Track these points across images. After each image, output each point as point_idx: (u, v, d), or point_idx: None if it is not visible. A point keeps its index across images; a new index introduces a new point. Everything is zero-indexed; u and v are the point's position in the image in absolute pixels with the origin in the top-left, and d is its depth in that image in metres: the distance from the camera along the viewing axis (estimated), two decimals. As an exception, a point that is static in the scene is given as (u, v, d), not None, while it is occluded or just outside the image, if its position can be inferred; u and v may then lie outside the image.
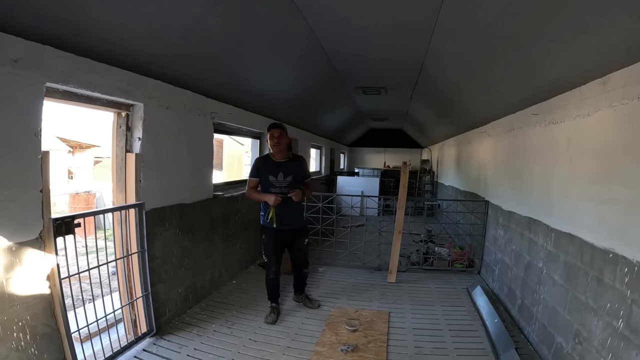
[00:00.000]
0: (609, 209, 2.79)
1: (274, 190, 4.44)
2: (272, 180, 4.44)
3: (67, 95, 3.04)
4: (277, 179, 4.45)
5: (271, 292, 4.70)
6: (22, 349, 2.62)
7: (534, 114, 4.31)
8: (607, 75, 2.86)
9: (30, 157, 2.67)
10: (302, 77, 5.94)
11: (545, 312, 3.72)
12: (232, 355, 3.72)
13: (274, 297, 4.71)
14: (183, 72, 4.00)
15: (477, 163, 7.34)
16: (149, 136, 3.87)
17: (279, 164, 4.48)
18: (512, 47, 3.33)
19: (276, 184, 4.45)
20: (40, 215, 2.76)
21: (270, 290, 4.69)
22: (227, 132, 6.23)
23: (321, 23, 3.99)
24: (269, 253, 4.57)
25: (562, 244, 3.49)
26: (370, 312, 4.78)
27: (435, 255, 6.91)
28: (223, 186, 6.01)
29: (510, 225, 5.04)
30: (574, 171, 3.37)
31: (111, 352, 3.48)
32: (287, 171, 4.47)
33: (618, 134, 2.74)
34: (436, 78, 5.88)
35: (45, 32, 2.58)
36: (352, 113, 11.08)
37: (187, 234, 4.62)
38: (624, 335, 2.49)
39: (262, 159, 4.63)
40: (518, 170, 4.87)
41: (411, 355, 3.81)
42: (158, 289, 4.09)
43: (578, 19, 2.38)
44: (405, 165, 6.41)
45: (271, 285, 4.67)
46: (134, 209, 3.77)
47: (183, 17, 3.03)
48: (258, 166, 4.54)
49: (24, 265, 2.65)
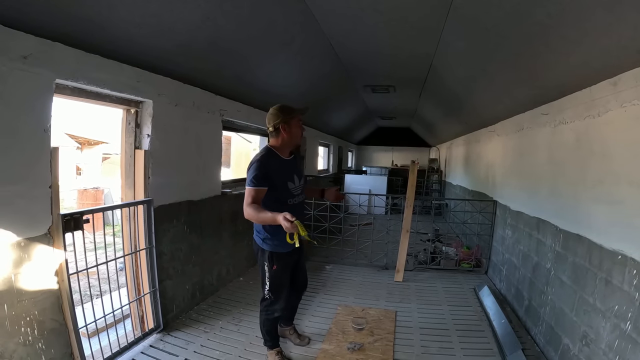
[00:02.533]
0: (619, 210, 2.76)
1: (293, 201, 3.35)
2: (291, 187, 3.34)
3: (76, 92, 3.06)
4: (295, 184, 3.39)
5: (275, 333, 3.67)
6: (29, 344, 2.64)
7: (544, 114, 4.28)
8: (618, 76, 2.82)
9: (39, 153, 2.70)
10: (310, 74, 5.93)
11: (553, 313, 3.70)
12: (238, 352, 3.74)
13: (278, 339, 3.74)
14: (192, 69, 4.01)
15: (486, 162, 7.31)
16: (158, 133, 3.89)
17: (290, 164, 3.43)
18: (522, 46, 3.30)
19: (294, 192, 3.37)
20: (49, 211, 2.78)
21: (275, 331, 3.66)
22: (235, 130, 6.24)
23: (330, 20, 3.98)
24: (281, 286, 3.45)
25: (571, 245, 3.47)
26: (377, 310, 4.77)
27: (443, 254, 6.88)
28: (231, 183, 6.02)
29: (518, 225, 5.01)
30: (584, 172, 3.34)
31: (118, 347, 3.51)
32: (299, 172, 3.51)
33: (628, 134, 2.71)
34: (445, 76, 5.85)
35: (55, 29, 2.59)
36: (360, 111, 11.05)
37: (195, 231, 4.63)
38: (632, 338, 2.47)
39: (271, 158, 3.27)
40: (527, 170, 4.84)
41: (417, 355, 3.81)
42: (166, 285, 4.11)
43: (588, 18, 2.36)
44: (413, 164, 6.39)
45: (275, 325, 3.65)
46: (143, 206, 3.79)
47: (192, 14, 3.04)
48: (268, 169, 3.13)
49: (33, 261, 2.67)
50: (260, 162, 3.14)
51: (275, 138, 3.37)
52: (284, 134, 3.32)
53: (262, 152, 3.31)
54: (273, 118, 3.33)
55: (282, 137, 3.33)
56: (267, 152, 3.31)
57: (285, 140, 3.34)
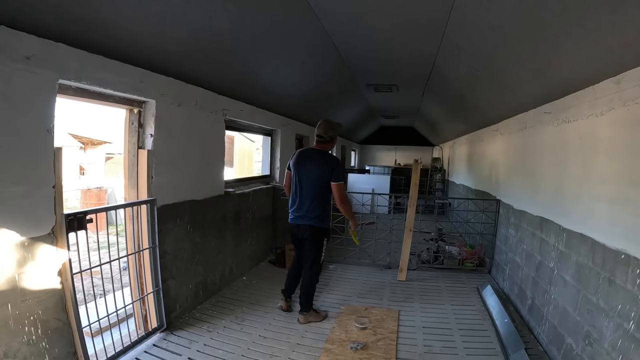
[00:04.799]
0: (622, 210, 2.76)
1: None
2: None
3: (79, 92, 3.07)
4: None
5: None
6: (33, 343, 2.65)
7: (547, 113, 4.26)
8: (621, 74, 2.81)
9: (43, 154, 2.70)
10: (313, 74, 5.94)
11: (556, 312, 3.69)
12: (241, 352, 3.74)
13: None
14: (195, 69, 4.01)
15: (489, 161, 7.30)
16: (161, 133, 3.90)
17: None
18: (525, 45, 3.29)
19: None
20: (52, 211, 2.79)
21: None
22: (238, 129, 6.25)
23: (333, 19, 3.98)
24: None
25: (574, 244, 3.46)
26: (380, 310, 4.77)
27: (446, 253, 6.87)
28: (234, 183, 6.04)
29: (521, 224, 5.01)
30: (587, 171, 3.33)
31: (121, 346, 3.52)
32: None
33: (632, 133, 2.70)
34: (448, 75, 5.84)
35: (58, 29, 2.60)
36: (363, 110, 11.04)
37: (198, 230, 4.64)
38: (635, 338, 2.46)
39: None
40: (530, 169, 4.83)
41: (420, 354, 3.80)
42: (169, 285, 4.12)
43: (592, 17, 2.35)
44: (416, 163, 6.39)
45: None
46: (146, 205, 3.79)
47: (194, 14, 3.04)
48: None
49: (36, 260, 2.68)
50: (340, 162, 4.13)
51: (324, 144, 4.43)
52: (332, 144, 4.49)
53: (333, 155, 4.52)
54: (330, 131, 4.40)
55: (330, 145, 4.47)
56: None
57: (329, 148, 4.46)
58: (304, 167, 4.33)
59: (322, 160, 4.28)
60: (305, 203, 4.32)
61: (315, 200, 4.30)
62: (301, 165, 4.34)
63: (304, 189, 4.32)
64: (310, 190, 4.29)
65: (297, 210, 4.38)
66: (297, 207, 4.37)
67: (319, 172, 4.25)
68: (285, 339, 4.00)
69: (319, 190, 4.30)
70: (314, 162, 4.30)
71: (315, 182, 4.28)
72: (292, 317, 4.52)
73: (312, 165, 4.30)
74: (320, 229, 4.37)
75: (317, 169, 4.26)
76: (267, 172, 7.40)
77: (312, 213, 4.30)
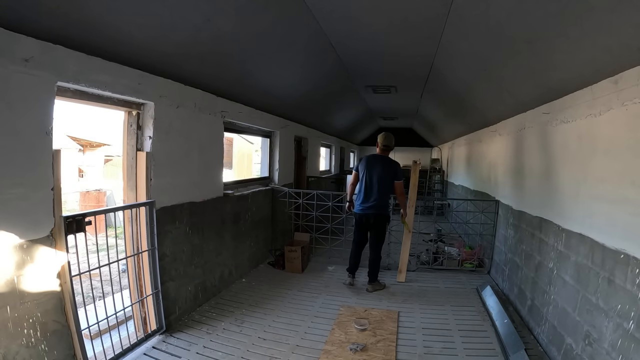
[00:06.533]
0: (621, 209, 2.76)
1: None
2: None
3: (78, 94, 3.07)
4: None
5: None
6: (32, 346, 2.65)
7: (545, 113, 4.27)
8: (619, 74, 2.82)
9: (41, 156, 2.70)
10: (311, 75, 5.94)
11: (555, 312, 3.69)
12: (241, 354, 3.74)
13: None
14: (193, 71, 4.01)
15: (488, 162, 7.30)
16: (159, 135, 3.89)
17: None
18: (523, 46, 3.30)
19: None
20: (51, 213, 2.78)
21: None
22: (237, 131, 6.25)
23: (331, 21, 3.98)
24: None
25: (573, 245, 3.46)
26: (379, 311, 4.77)
27: (445, 254, 6.86)
28: (233, 184, 6.03)
29: (520, 225, 5.01)
30: (585, 171, 3.34)
31: (121, 349, 3.51)
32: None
33: (630, 133, 2.70)
34: (447, 76, 5.86)
35: (56, 31, 2.60)
36: (362, 112, 11.05)
37: (197, 232, 4.64)
38: (635, 337, 2.46)
39: None
40: (529, 169, 4.83)
41: (420, 355, 3.80)
42: (168, 287, 4.11)
43: (590, 17, 2.36)
44: (415, 164, 6.42)
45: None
46: (145, 207, 3.79)
47: (193, 16, 3.05)
48: None
49: (35, 263, 2.68)
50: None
51: (387, 152, 5.70)
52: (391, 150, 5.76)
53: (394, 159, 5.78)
54: (393, 141, 5.71)
55: (390, 151, 5.73)
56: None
57: (389, 153, 5.72)
58: (375, 169, 5.49)
59: (389, 164, 5.58)
60: (375, 196, 5.43)
61: (383, 195, 5.50)
62: (373, 167, 5.50)
63: (374, 185, 5.44)
64: (380, 187, 5.44)
65: (366, 202, 5.48)
66: (367, 199, 5.47)
67: (386, 174, 5.48)
68: (284, 341, 3.99)
69: (386, 187, 5.50)
70: (382, 166, 5.51)
71: (384, 181, 5.46)
72: (292, 318, 4.53)
73: (382, 168, 5.49)
74: (385, 216, 5.60)
75: (385, 171, 5.49)
76: (266, 174, 7.38)
77: (380, 204, 5.46)
